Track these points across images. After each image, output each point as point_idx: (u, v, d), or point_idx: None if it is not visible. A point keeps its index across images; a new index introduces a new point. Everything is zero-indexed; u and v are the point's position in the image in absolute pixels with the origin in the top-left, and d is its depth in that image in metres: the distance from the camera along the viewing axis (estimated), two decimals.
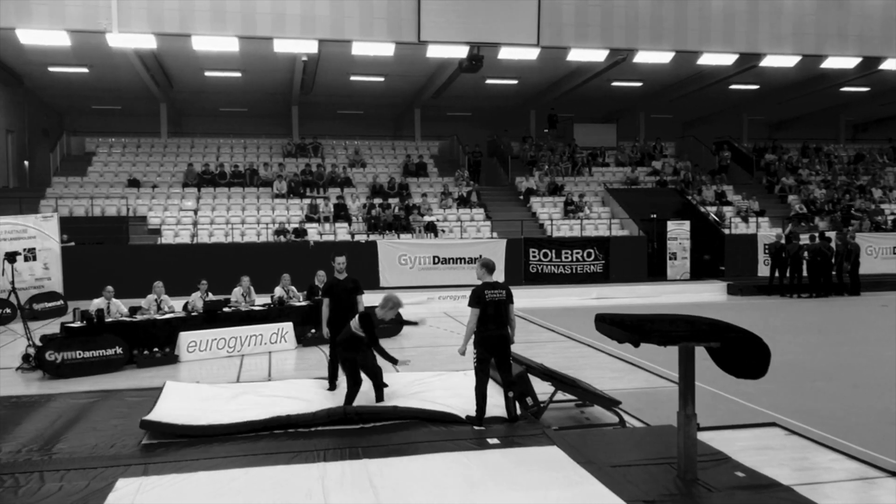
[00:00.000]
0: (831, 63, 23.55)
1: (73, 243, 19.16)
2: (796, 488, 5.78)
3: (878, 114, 33.85)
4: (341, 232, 21.95)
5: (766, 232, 23.41)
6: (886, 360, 10.90)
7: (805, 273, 20.43)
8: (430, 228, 22.30)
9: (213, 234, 21.20)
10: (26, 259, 16.85)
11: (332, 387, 8.93)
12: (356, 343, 8.06)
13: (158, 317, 12.22)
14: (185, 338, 11.76)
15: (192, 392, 8.82)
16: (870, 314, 16.83)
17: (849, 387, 9.38)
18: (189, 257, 18.90)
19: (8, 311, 14.21)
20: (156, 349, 11.55)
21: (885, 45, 23.06)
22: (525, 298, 17.66)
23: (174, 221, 21.71)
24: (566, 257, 21.72)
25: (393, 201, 23.48)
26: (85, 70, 23.63)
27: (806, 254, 20.42)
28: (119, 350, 11.00)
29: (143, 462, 6.57)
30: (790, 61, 23.20)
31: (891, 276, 22.28)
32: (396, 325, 13.84)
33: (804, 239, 21.07)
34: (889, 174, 29.01)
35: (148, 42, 19.62)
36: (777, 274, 20.62)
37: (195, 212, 22.50)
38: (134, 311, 12.50)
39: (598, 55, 22.28)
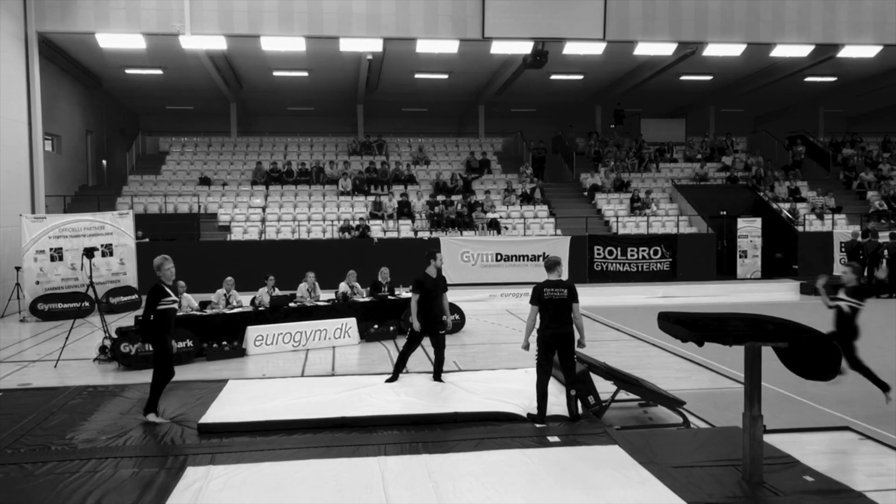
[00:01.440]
0: None
1: (147, 239, 19.86)
2: (869, 495, 5.58)
3: None
4: (405, 229, 22.11)
5: (843, 229, 22.56)
6: None
7: None
8: (493, 225, 22.27)
9: (281, 231, 21.66)
10: (103, 255, 17.54)
11: (395, 378, 9.12)
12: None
13: (227, 311, 12.56)
14: (253, 332, 12.06)
15: (251, 390, 9.02)
16: None
17: None
18: (257, 253, 19.39)
19: (86, 304, 14.83)
20: (224, 343, 11.89)
21: None
22: (589, 296, 17.43)
23: (243, 218, 22.27)
24: (632, 255, 21.38)
25: (456, 198, 23.53)
26: (159, 72, 24.44)
27: (886, 252, 19.62)
28: (189, 343, 11.37)
29: (210, 451, 6.79)
30: (870, 51, 22.25)
31: None
32: (458, 321, 13.90)
33: (884, 237, 20.22)
34: None
35: (218, 43, 20.18)
36: None
37: (263, 209, 23.06)
38: (204, 305, 12.87)
39: (666, 49, 21.80)
